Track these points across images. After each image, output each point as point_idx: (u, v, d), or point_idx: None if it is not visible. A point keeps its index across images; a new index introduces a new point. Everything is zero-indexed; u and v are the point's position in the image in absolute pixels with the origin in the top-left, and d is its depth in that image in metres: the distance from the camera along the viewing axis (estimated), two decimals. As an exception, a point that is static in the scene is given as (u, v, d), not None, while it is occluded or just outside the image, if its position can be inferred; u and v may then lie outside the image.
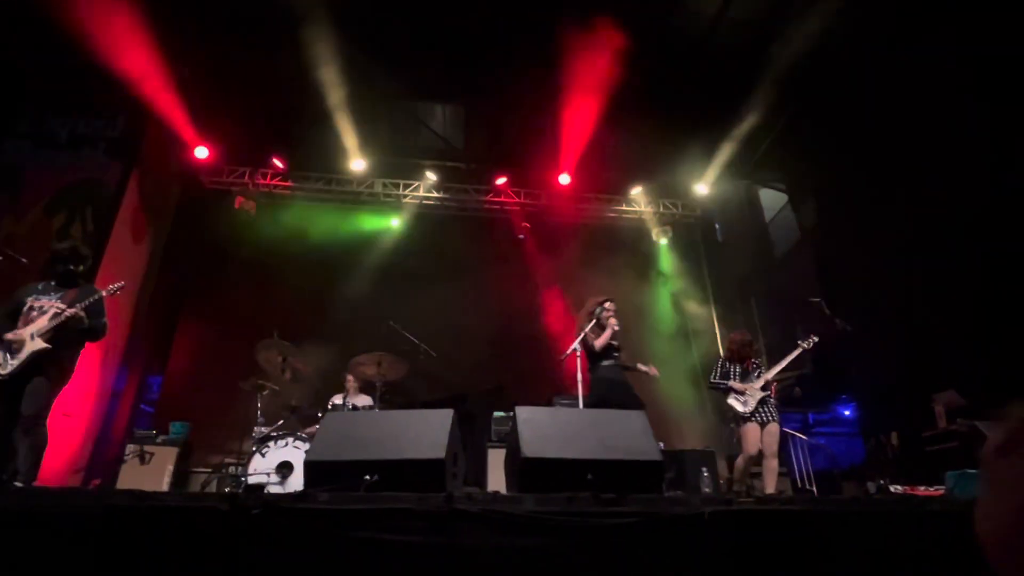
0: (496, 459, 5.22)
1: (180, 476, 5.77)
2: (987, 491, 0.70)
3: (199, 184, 8.66)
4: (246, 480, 4.77)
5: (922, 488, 3.95)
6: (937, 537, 2.25)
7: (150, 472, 5.54)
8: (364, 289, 8.17)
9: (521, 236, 9.11)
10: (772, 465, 4.76)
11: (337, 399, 5.95)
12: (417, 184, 9.25)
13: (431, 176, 9.13)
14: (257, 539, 2.09)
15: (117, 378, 7.10)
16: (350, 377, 6.04)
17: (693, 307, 9.41)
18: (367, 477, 2.56)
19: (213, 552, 2.05)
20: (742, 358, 5.17)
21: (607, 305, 4.98)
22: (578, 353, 4.99)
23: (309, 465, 2.80)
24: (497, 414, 6.00)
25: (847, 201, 7.78)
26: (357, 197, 9.16)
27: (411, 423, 3.04)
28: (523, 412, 3.09)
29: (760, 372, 5.08)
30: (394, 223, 9.14)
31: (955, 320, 5.95)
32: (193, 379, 7.46)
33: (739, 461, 4.77)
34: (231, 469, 5.55)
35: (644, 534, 2.31)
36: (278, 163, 8.81)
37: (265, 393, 5.56)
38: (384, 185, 9.22)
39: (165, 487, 5.51)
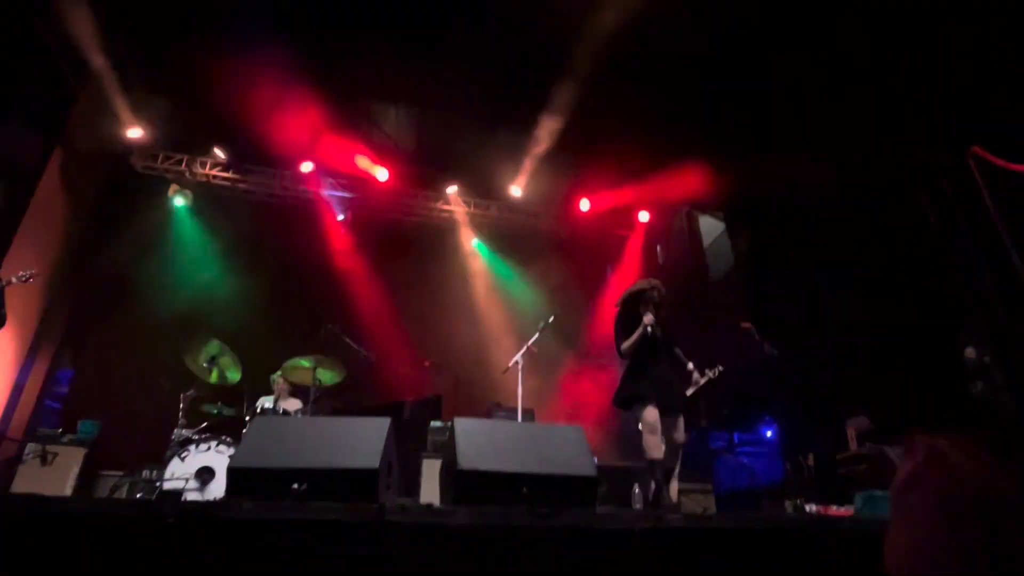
0: (431, 470, 5.13)
1: (86, 479, 5.34)
2: (894, 523, 0.73)
3: (130, 168, 8.16)
4: (161, 486, 4.48)
5: (834, 508, 4.18)
6: (847, 555, 2.39)
7: (52, 474, 5.09)
8: (302, 290, 7.90)
9: None
10: (673, 487, 4.92)
11: (267, 403, 5.70)
12: (365, 187, 9.08)
13: (380, 177, 8.97)
14: (172, 550, 1.96)
15: (21, 370, 6.53)
16: (280, 380, 5.81)
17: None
18: (295, 486, 2.46)
19: (121, 565, 1.91)
20: None
21: (648, 295, 4.25)
22: (520, 365, 5.01)
23: (233, 471, 2.66)
24: (434, 424, 5.91)
25: (779, 235, 8.23)
26: (302, 195, 8.89)
27: (345, 431, 2.95)
28: (461, 423, 3.06)
29: None
30: (339, 219, 8.92)
31: (867, 351, 6.40)
32: (109, 375, 6.96)
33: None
34: (145, 474, 5.19)
35: (576, 549, 2.33)
36: (220, 153, 8.43)
37: (189, 393, 5.25)
38: (331, 185, 9.00)
39: (68, 491, 5.09)
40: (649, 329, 4.13)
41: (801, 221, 7.68)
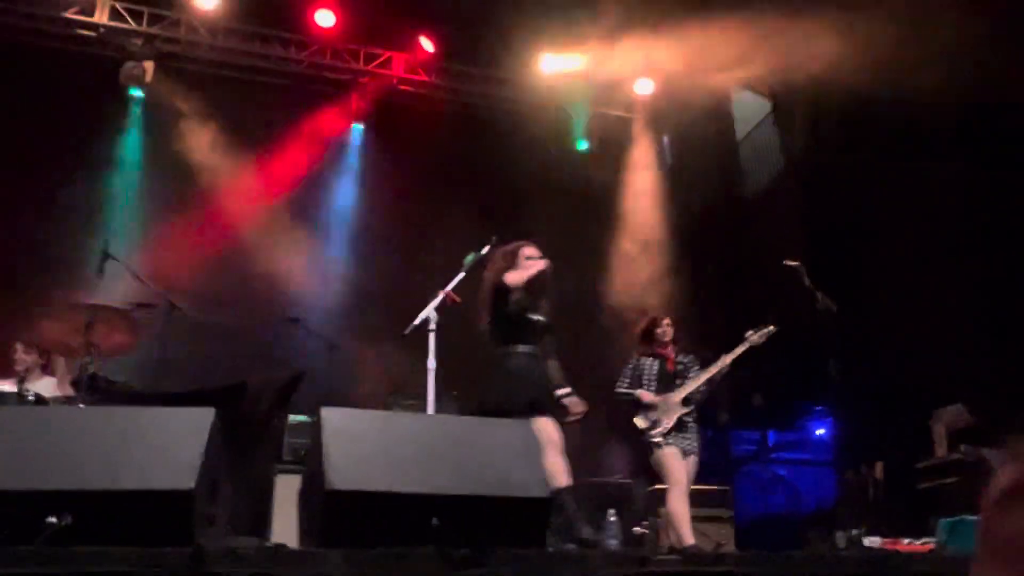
0: (288, 491, 5.19)
1: None
2: (983, 553, 0.78)
3: None
4: None
5: (907, 541, 4.53)
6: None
7: None
8: (61, 191, 7.58)
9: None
10: (681, 505, 5.20)
11: (6, 385, 5.54)
12: (176, 19, 8.65)
13: (203, 5, 8.55)
14: None
15: None
16: (20, 348, 5.65)
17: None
18: (51, 520, 2.43)
19: None
20: (662, 353, 5.47)
21: (525, 251, 5.04)
22: (433, 324, 5.02)
23: (-57, 498, 2.60)
24: (294, 419, 5.95)
25: (858, 121, 8.40)
26: (66, 31, 8.38)
27: (138, 429, 2.91)
28: (333, 417, 3.07)
29: (689, 375, 5.40)
30: (136, 94, 8.53)
31: (980, 311, 6.76)
32: None
33: (671, 503, 5.09)
34: None
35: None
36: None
37: None
38: (115, 13, 8.50)
39: None
40: (542, 275, 4.83)
41: (893, 112, 7.84)
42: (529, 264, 4.86)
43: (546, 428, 4.55)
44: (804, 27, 8.27)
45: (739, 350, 5.44)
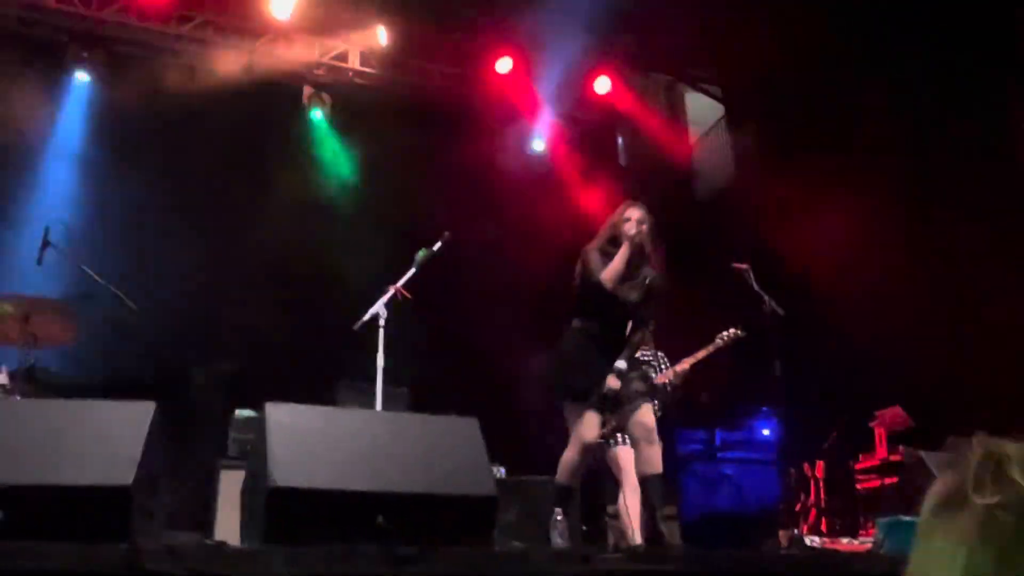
0: (232, 488, 5.13)
1: None
2: (918, 558, 0.78)
3: None
4: None
5: (846, 540, 4.63)
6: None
7: None
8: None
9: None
10: (633, 503, 5.15)
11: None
12: (124, 4, 8.47)
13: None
14: None
15: None
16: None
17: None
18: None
19: None
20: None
21: (629, 213, 4.77)
22: (383, 319, 4.99)
23: None
24: (240, 413, 5.90)
25: (808, 129, 8.52)
26: (9, 10, 8.16)
27: (75, 422, 2.89)
28: (277, 412, 3.05)
29: (651, 375, 5.44)
30: (81, 77, 8.34)
31: (922, 315, 6.92)
32: None
33: (623, 499, 5.08)
34: None
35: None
36: None
37: None
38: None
39: None
40: (638, 249, 4.60)
41: (840, 113, 7.96)
42: (629, 231, 4.65)
43: (581, 420, 4.44)
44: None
45: (702, 353, 5.51)
